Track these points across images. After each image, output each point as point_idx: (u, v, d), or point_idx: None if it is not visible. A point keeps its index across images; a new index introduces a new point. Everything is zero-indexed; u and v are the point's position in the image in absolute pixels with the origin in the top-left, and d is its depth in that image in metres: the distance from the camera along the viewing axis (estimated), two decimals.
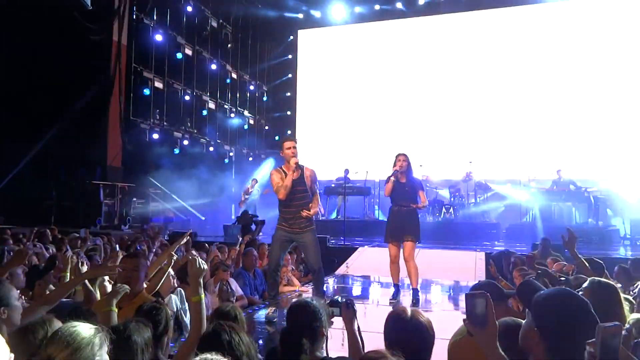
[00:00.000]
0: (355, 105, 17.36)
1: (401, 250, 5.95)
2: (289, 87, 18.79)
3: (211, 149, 16.06)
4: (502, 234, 12.47)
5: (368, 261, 9.30)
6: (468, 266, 8.58)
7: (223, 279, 5.80)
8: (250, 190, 14.18)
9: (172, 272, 4.34)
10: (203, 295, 2.67)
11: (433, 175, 14.92)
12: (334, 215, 14.93)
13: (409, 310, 2.32)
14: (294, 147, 5.35)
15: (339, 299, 2.75)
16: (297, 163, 5.27)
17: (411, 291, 5.91)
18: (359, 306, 2.86)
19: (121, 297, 3.09)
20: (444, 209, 13.57)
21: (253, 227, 10.87)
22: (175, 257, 4.30)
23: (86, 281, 3.42)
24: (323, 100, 17.91)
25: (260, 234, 12.69)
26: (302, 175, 5.40)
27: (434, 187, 14.21)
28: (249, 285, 6.37)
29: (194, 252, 5.80)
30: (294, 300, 2.92)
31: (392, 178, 5.82)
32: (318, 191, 5.89)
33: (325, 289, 5.82)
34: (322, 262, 5.71)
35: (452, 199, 13.83)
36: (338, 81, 17.70)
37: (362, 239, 11.92)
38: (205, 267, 2.79)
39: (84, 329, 1.86)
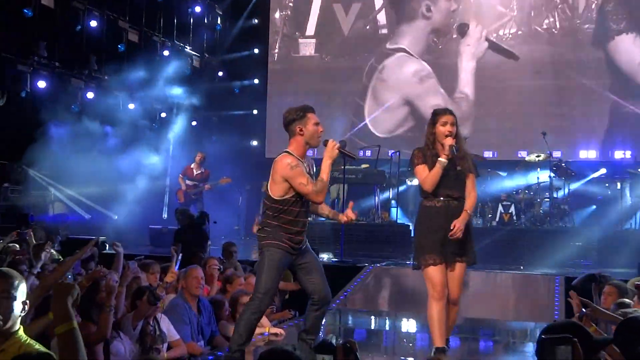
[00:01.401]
0: (362, 44, 17.31)
1: (451, 278, 5.65)
2: (257, 10, 18.66)
3: (131, 106, 15.94)
4: (593, 248, 12.56)
5: (379, 288, 9.33)
6: (538, 298, 8.63)
7: (149, 315, 5.77)
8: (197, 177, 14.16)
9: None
10: (75, 323, 2.63)
11: (484, 153, 14.93)
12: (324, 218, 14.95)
13: None
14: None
15: (334, 340, 2.74)
16: (339, 148, 5.46)
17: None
18: (365, 357, 2.87)
19: None
20: (500, 208, 13.59)
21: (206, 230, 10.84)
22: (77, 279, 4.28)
23: None
24: (312, 33, 17.86)
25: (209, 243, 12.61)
26: (311, 168, 5.60)
27: (484, 173, 14.24)
28: (191, 325, 6.37)
29: (104, 270, 5.76)
30: (263, 349, 2.92)
31: (443, 159, 5.55)
32: None
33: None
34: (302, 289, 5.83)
35: (514, 192, 13.86)
36: (336, 3, 17.62)
37: (369, 253, 11.96)
38: (77, 288, 2.76)
39: None
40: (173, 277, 7.03)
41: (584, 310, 5.39)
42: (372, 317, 8.72)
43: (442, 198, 5.63)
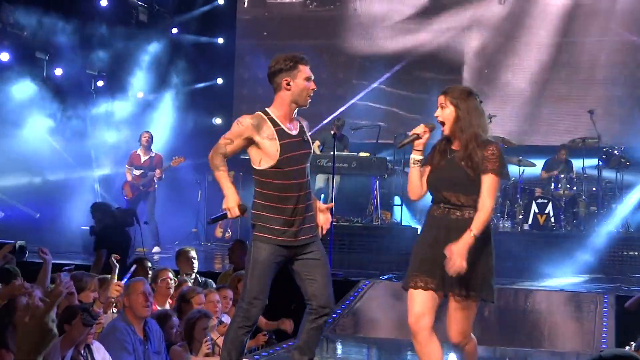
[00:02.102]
0: None
1: (449, 315, 5.37)
2: None
3: (58, 71, 15.86)
4: None
5: (378, 310, 9.34)
6: (581, 322, 8.68)
7: (81, 342, 5.76)
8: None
9: None
10: None
11: (514, 138, 14.98)
12: None
13: None
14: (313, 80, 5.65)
15: None
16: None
17: None
18: None
19: None
20: (534, 208, 13.60)
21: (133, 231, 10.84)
22: None
23: None
24: None
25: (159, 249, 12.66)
26: (302, 130, 5.68)
27: (514, 163, 14.27)
28: (135, 354, 6.36)
29: (26, 285, 5.73)
30: None
31: (414, 156, 5.36)
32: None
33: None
34: (282, 308, 5.86)
35: (552, 188, 13.91)
36: None
37: (366, 264, 11.99)
38: (52, 326, 2.79)
39: None
40: (119, 291, 6.95)
41: None
42: (369, 347, 8.74)
43: (441, 204, 5.36)
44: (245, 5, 17.94)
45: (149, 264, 8.65)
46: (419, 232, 5.84)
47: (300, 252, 5.60)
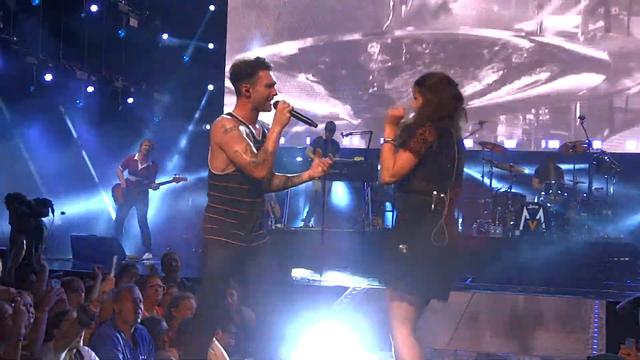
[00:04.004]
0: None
1: None
2: None
3: (49, 77, 15.81)
4: None
5: (368, 316, 9.32)
6: (571, 328, 8.68)
7: (72, 348, 5.73)
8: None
9: None
10: None
11: (506, 141, 14.98)
12: (300, 224, 15.06)
13: None
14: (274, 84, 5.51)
15: None
16: (292, 112, 5.38)
17: None
18: None
19: None
20: (525, 213, 13.59)
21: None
22: None
23: None
24: None
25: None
26: (263, 134, 5.60)
27: (506, 169, 14.28)
28: None
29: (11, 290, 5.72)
30: None
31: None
32: None
33: None
34: (273, 315, 5.77)
35: (543, 193, 13.91)
36: None
37: (356, 270, 11.92)
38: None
39: None
40: (112, 285, 6.91)
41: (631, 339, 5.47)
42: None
43: None
44: (235, 21, 17.89)
45: (137, 271, 8.69)
46: None
47: (252, 256, 5.49)
